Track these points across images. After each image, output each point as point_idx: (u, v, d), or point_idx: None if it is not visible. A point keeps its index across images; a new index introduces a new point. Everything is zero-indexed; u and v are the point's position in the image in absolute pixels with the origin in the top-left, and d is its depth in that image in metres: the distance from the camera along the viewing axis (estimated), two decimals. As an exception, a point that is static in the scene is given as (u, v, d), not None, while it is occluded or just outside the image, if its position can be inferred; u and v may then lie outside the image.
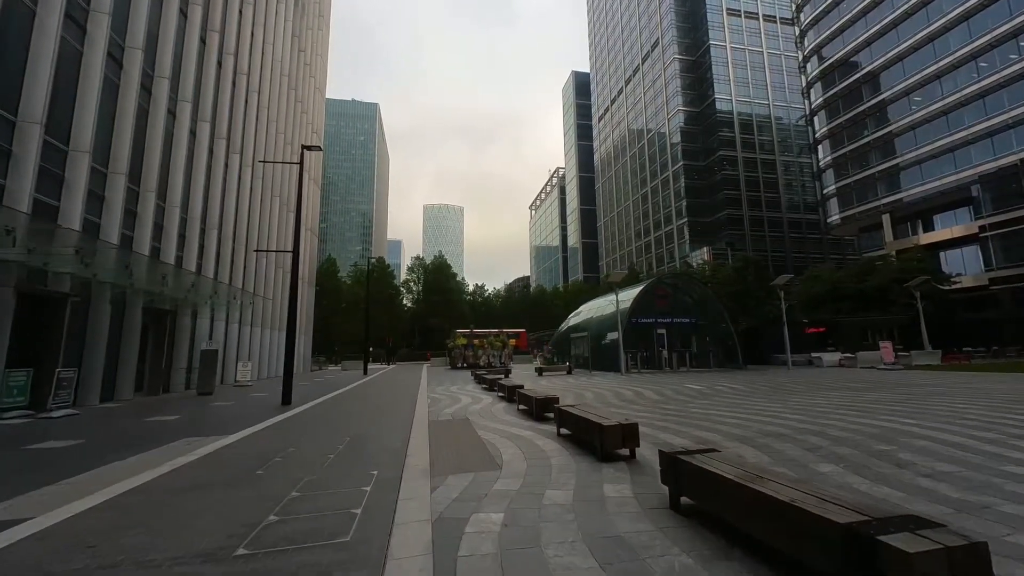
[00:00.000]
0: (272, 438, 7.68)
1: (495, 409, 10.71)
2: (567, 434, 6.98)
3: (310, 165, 35.90)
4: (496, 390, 14.79)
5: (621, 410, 9.95)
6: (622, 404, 10.99)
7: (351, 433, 7.88)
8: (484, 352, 33.11)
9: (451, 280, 74.53)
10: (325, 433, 8.02)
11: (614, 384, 16.57)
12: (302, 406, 12.34)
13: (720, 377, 18.77)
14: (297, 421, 9.56)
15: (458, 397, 13.69)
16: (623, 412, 9.41)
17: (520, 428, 8.00)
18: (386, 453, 6.27)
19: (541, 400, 8.44)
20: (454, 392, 15.47)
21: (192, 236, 18.57)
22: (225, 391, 18.09)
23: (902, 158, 49.53)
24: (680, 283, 25.65)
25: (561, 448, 6.29)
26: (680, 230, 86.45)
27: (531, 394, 9.17)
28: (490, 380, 15.30)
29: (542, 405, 8.43)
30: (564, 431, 6.98)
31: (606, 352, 23.19)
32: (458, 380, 21.41)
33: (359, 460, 5.88)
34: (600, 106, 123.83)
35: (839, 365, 23.83)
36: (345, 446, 6.79)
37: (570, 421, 6.49)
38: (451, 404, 11.95)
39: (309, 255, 37.05)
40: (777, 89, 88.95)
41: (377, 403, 12.74)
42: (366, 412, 10.75)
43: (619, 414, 7.85)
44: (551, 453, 6.00)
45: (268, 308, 27.75)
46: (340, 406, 12.12)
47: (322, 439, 7.42)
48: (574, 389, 15.10)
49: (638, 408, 10.18)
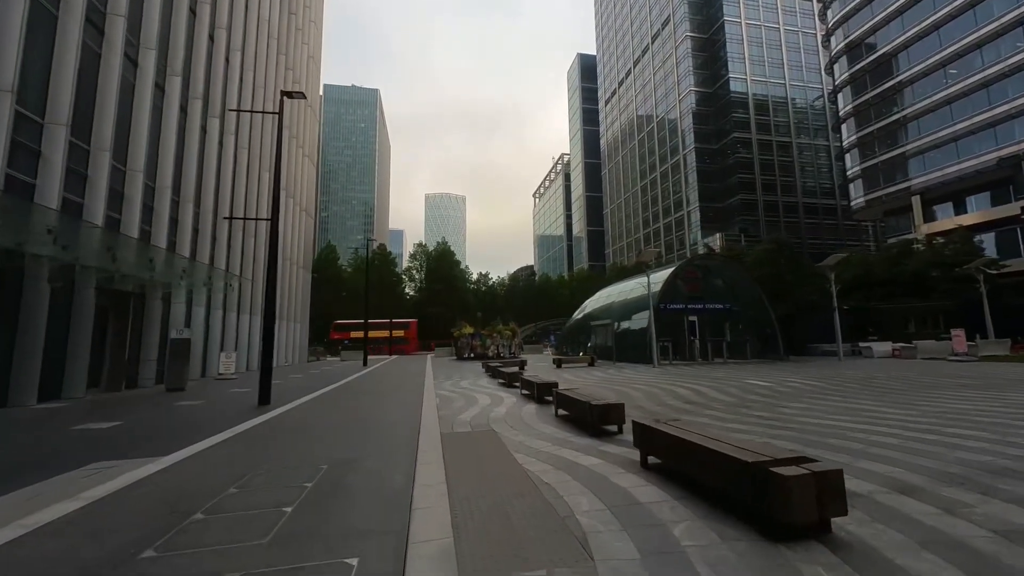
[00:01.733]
0: (218, 464, 5.28)
1: (524, 413, 8.31)
2: (657, 463, 4.55)
3: (302, 135, 33.24)
4: (519, 387, 12.39)
5: (698, 416, 7.53)
6: (691, 408, 8.56)
7: (332, 455, 5.48)
8: (493, 342, 30.74)
9: (455, 268, 72.02)
10: (296, 455, 5.61)
11: (653, 379, 14.13)
12: (282, 407, 9.97)
13: (771, 370, 16.31)
14: (266, 432, 7.17)
15: (472, 396, 11.29)
16: (711, 423, 6.98)
17: (574, 449, 5.57)
18: (378, 503, 3.86)
19: (601, 408, 5.98)
20: (466, 388, 13.08)
21: (162, 208, 16.09)
22: (201, 387, 15.76)
23: (936, 135, 46.43)
24: (712, 265, 23.10)
25: (663, 493, 3.86)
26: (691, 216, 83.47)
27: (580, 397, 6.74)
28: (508, 375, 12.89)
29: (602, 414, 5.98)
30: (654, 459, 4.53)
31: (633, 342, 20.76)
32: (467, 373, 19.04)
33: (332, 519, 3.48)
34: (607, 89, 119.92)
35: (893, 356, 21.36)
36: (317, 483, 4.38)
37: (672, 447, 4.06)
38: (466, 406, 9.55)
39: (305, 238, 34.58)
40: (794, 68, 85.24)
41: (374, 404, 10.35)
42: (358, 418, 8.36)
43: (716, 427, 5.43)
44: (657, 507, 3.58)
45: (257, 293, 25.36)
46: (328, 408, 9.73)
47: (289, 467, 5.01)
48: (612, 385, 12.67)
49: (719, 414, 7.75)
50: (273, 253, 11.29)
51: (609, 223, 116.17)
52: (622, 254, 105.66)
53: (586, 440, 5.90)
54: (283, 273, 29.70)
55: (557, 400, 7.76)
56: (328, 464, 5.08)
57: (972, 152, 43.31)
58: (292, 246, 31.59)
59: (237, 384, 16.50)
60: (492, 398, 10.59)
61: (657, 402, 9.12)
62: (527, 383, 10.37)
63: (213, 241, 20.02)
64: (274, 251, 11.31)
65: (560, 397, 7.56)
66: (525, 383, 10.62)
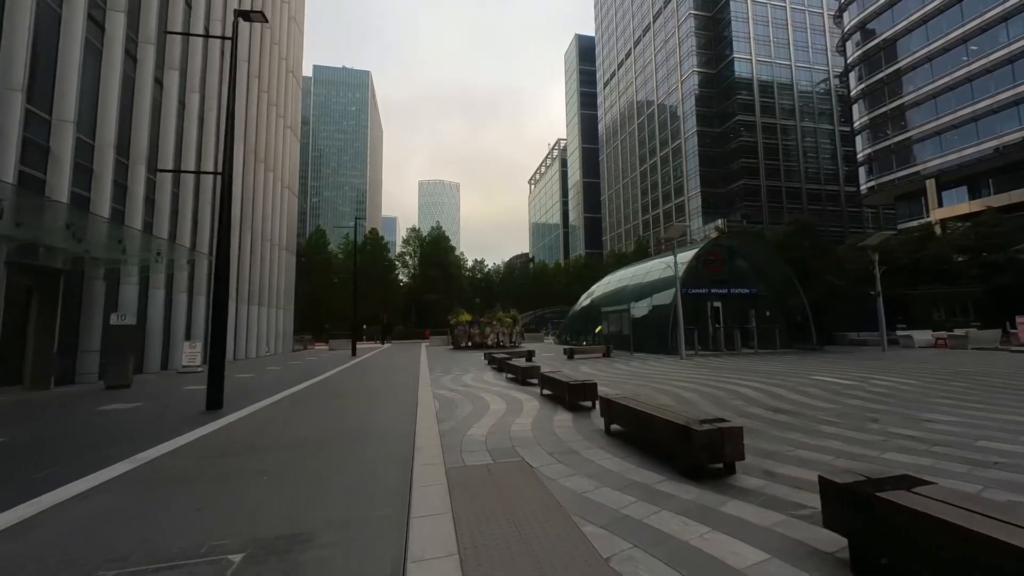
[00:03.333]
0: (52, 544, 2.95)
1: (559, 428, 6.04)
2: None
3: (283, 103, 30.30)
4: (536, 384, 10.13)
5: (826, 439, 5.30)
6: (790, 419, 6.32)
7: (265, 523, 3.17)
8: (493, 330, 28.48)
9: (449, 253, 69.41)
10: (202, 525, 3.27)
11: (692, 373, 11.92)
12: (234, 414, 7.63)
13: (820, 362, 14.15)
14: (185, 464, 4.82)
15: (479, 396, 9.00)
16: (873, 455, 4.75)
17: (681, 513, 3.30)
18: None
19: (706, 435, 3.69)
20: (470, 386, 10.80)
21: (103, 170, 13.45)
22: (154, 383, 13.34)
23: (955, 114, 44.26)
24: (737, 245, 20.86)
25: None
26: (691, 202, 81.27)
27: (655, 413, 4.48)
28: (521, 370, 10.57)
29: (711, 444, 3.68)
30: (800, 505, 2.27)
31: (652, 330, 18.57)
32: (468, 365, 16.75)
33: None
34: (606, 71, 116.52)
35: (936, 345, 19.39)
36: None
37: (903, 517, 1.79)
38: (475, 413, 7.26)
39: (288, 217, 31.84)
40: (799, 48, 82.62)
41: (354, 410, 8.03)
42: (328, 435, 6.04)
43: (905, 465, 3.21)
44: None
45: (233, 275, 22.77)
46: (292, 417, 7.39)
47: (172, 562, 2.70)
48: (649, 383, 10.41)
49: (851, 433, 5.49)
50: (225, 215, 8.82)
51: (607, 209, 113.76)
52: (620, 241, 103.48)
53: (687, 487, 3.65)
54: (264, 255, 27.08)
55: (609, 410, 5.49)
56: (249, 549, 2.77)
57: (994, 132, 41.29)
58: (274, 226, 28.91)
59: (200, 379, 14.07)
60: (506, 400, 8.31)
61: (734, 410, 6.86)
62: (551, 382, 8.09)
63: (175, 214, 17.39)
64: (225, 212, 8.84)
65: (618, 409, 5.28)
66: (548, 381, 8.33)
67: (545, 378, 8.48)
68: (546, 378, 8.41)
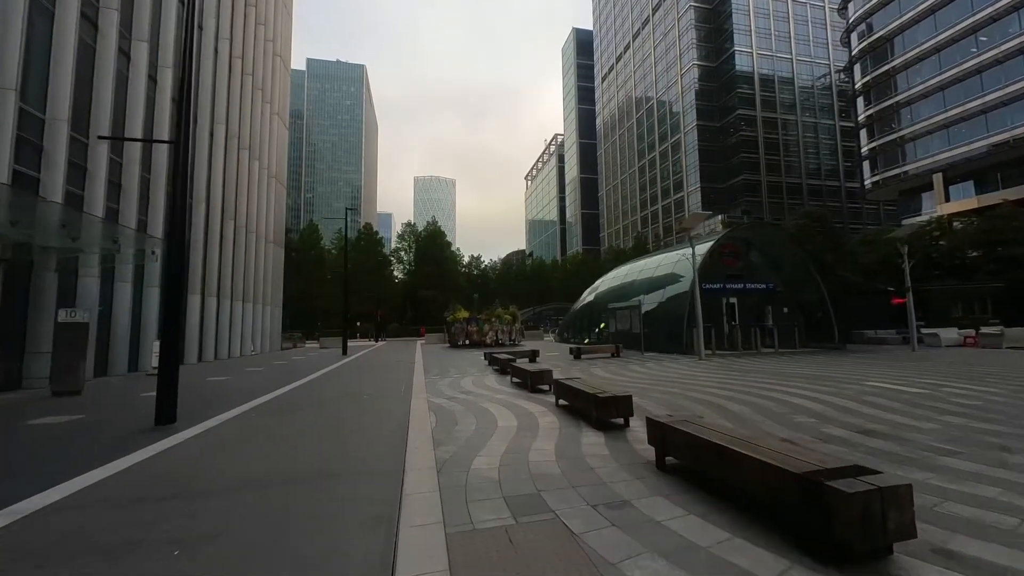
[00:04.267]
0: None
1: (588, 453, 4.69)
2: None
3: (269, 87, 28.62)
4: (548, 391, 8.78)
5: (942, 477, 3.96)
6: (865, 439, 4.99)
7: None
8: (491, 327, 27.10)
9: (445, 249, 67.83)
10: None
11: (723, 378, 10.58)
12: (188, 430, 6.23)
13: (858, 364, 12.85)
14: (83, 522, 3.42)
15: (483, 408, 7.62)
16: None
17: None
18: None
19: (848, 500, 2.33)
20: (471, 392, 9.42)
21: (56, 148, 11.91)
22: (113, 387, 11.88)
23: (964, 106, 43.18)
24: (755, 237, 19.55)
25: None
26: (690, 198, 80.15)
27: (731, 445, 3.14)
28: (530, 374, 9.16)
29: (863, 514, 2.33)
30: None
31: (665, 328, 17.25)
32: (466, 366, 15.37)
33: None
34: (604, 65, 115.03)
35: (965, 344, 18.23)
36: None
37: None
38: (480, 433, 5.88)
39: (276, 209, 30.24)
40: (801, 42, 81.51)
41: (332, 426, 6.62)
42: (291, 469, 4.65)
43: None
44: None
45: (211, 267, 21.23)
46: (253, 438, 5.98)
47: None
48: (682, 390, 9.06)
49: (973, 468, 4.18)
50: (179, 192, 7.36)
51: (604, 205, 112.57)
52: (618, 237, 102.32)
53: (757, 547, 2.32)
54: (249, 248, 25.52)
55: (663, 437, 4.13)
56: None
57: (1004, 125, 40.25)
58: (260, 217, 27.32)
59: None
60: (515, 413, 6.94)
61: (807, 430, 5.46)
62: (570, 392, 6.70)
63: (144, 201, 15.82)
64: (180, 188, 7.38)
65: (677, 438, 3.92)
66: (565, 391, 6.95)
67: (562, 387, 7.10)
68: (564, 387, 7.02)
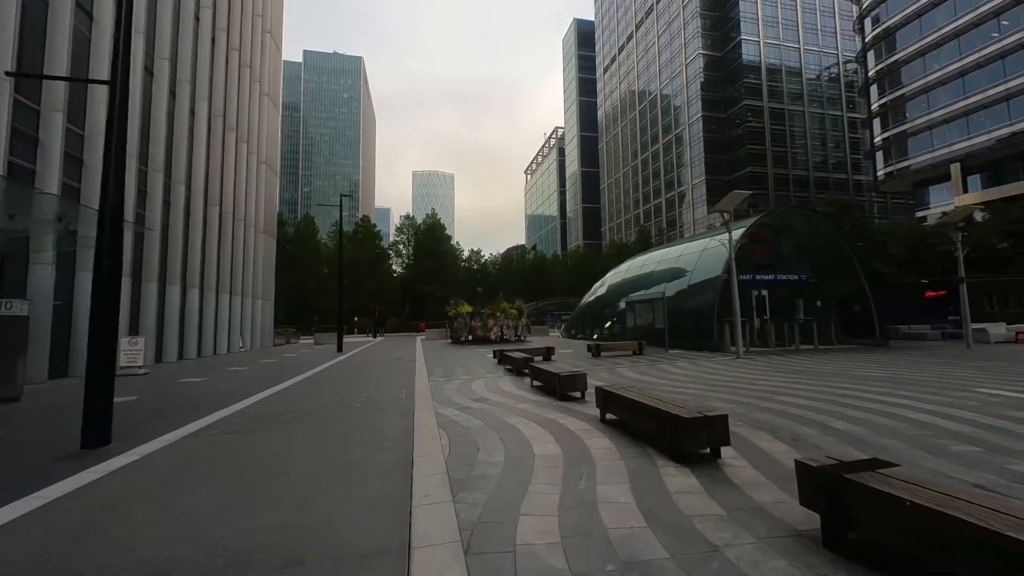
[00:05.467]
0: None
1: (690, 510, 3.10)
2: None
3: (258, 67, 26.73)
4: (579, 398, 7.17)
5: None
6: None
7: None
8: (496, 322, 25.47)
9: (445, 243, 66.04)
10: None
11: (780, 381, 8.96)
12: (114, 461, 4.61)
13: (929, 364, 11.16)
14: None
15: (505, 422, 6.02)
16: None
17: None
18: None
19: None
20: (486, 399, 7.82)
21: None
22: (64, 392, 10.25)
23: (985, 93, 41.52)
24: (786, 224, 17.89)
25: None
26: (695, 191, 78.53)
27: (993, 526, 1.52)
28: (561, 379, 7.47)
29: None
30: None
31: (693, 323, 15.63)
32: (474, 365, 13.76)
33: None
34: (606, 56, 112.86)
35: (1018, 340, 16.72)
36: None
37: None
38: (511, 467, 4.24)
39: (266, 197, 28.47)
40: (809, 31, 79.62)
41: (308, 455, 4.97)
42: (238, 535, 3.03)
43: None
44: None
45: (193, 255, 19.51)
46: (200, 473, 4.35)
47: None
48: (743, 397, 7.45)
49: None
50: (114, 146, 5.69)
51: (606, 199, 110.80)
52: (620, 231, 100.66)
53: None
54: (237, 237, 23.79)
55: (857, 503, 2.51)
56: None
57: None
58: (249, 205, 25.56)
59: (133, 386, 11.00)
60: (551, 431, 5.33)
61: (992, 470, 3.88)
62: (626, 405, 5.07)
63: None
64: (115, 143, 5.70)
65: (872, 499, 2.32)
66: (616, 402, 5.33)
67: (613, 398, 5.45)
68: (616, 398, 5.37)
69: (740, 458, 4.12)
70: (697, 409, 4.19)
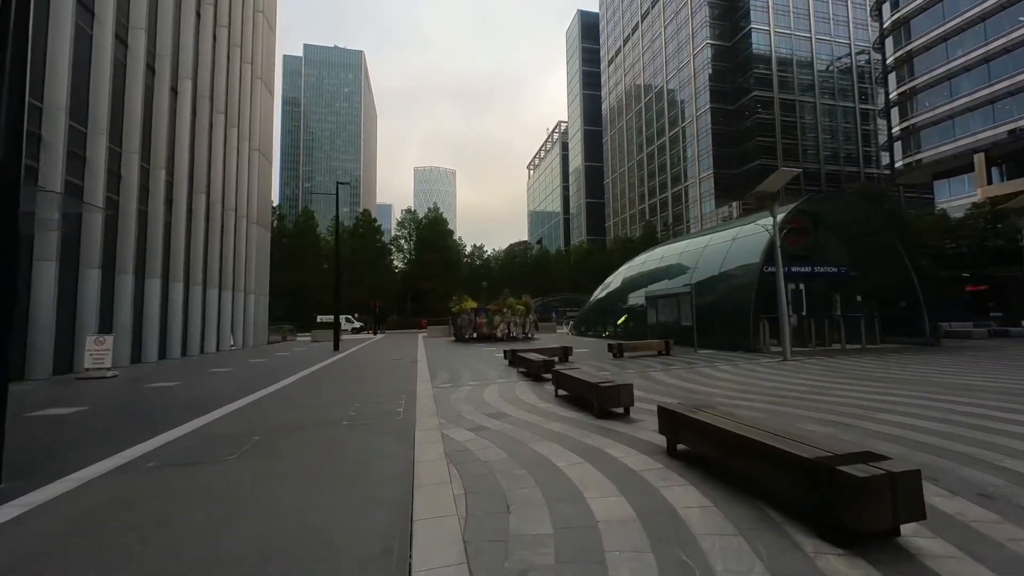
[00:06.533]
0: None
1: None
2: None
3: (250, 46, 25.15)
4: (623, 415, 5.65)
5: None
6: None
7: None
8: (503, 319, 23.97)
9: (447, 237, 64.47)
10: None
11: (863, 390, 7.29)
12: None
13: (1019, 368, 9.70)
14: None
15: (534, 448, 4.53)
16: None
17: None
18: None
19: None
20: (503, 412, 6.32)
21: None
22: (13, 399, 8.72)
23: (1012, 80, 39.64)
24: (823, 212, 16.28)
25: None
26: (702, 184, 76.73)
27: None
28: (602, 389, 5.89)
29: None
30: None
31: (725, 320, 14.05)
32: (482, 366, 12.26)
33: None
34: (610, 48, 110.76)
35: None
36: None
37: None
38: (560, 531, 2.79)
39: (260, 186, 26.95)
40: (820, 19, 77.47)
41: (264, 511, 3.47)
42: None
43: None
44: None
45: (178, 248, 18.03)
46: (100, 546, 2.85)
47: None
48: (845, 418, 5.92)
49: None
50: (14, 84, 4.15)
51: (610, 194, 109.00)
52: (625, 227, 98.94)
53: None
54: (227, 227, 22.30)
55: None
56: None
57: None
58: (240, 194, 24.05)
59: (91, 392, 9.52)
60: (602, 469, 3.83)
61: None
62: (731, 442, 3.54)
63: (75, 159, 12.60)
64: (15, 78, 4.17)
65: None
66: (707, 435, 3.81)
67: (684, 421, 3.94)
68: (689, 423, 3.87)
69: (929, 533, 2.59)
70: (848, 450, 2.65)
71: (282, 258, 50.47)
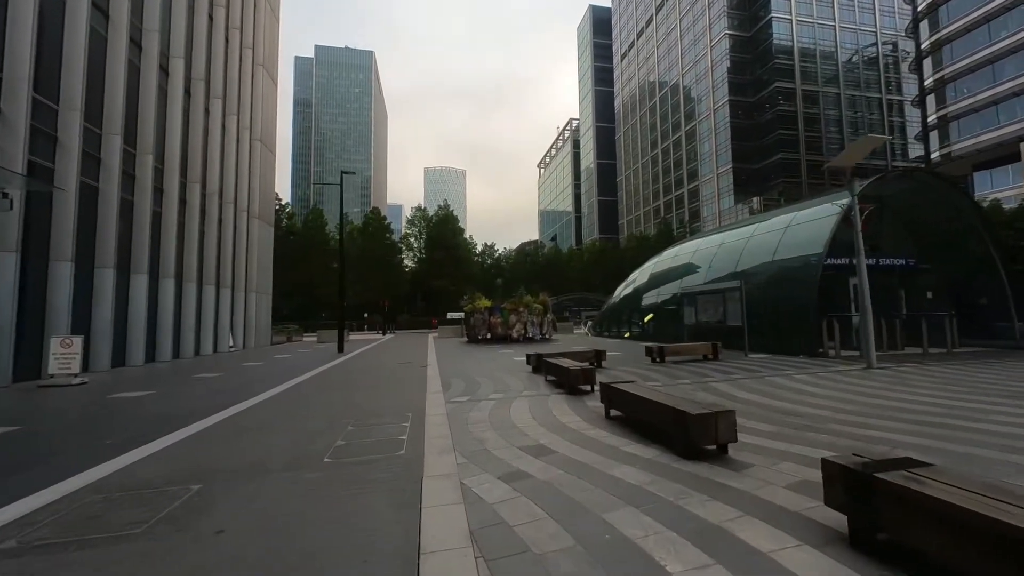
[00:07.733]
0: None
1: None
2: None
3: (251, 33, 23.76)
4: (729, 457, 3.86)
5: None
6: None
7: None
8: (519, 318, 22.24)
9: (458, 235, 62.94)
10: None
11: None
12: None
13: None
14: None
15: (605, 518, 2.93)
16: None
17: None
18: None
19: None
20: (542, 445, 4.62)
21: None
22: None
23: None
24: (885, 196, 14.23)
25: None
26: (720, 179, 74.17)
27: None
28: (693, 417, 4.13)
29: None
30: None
31: (774, 319, 12.12)
32: (502, 373, 10.55)
33: None
34: (623, 42, 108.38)
35: None
36: None
37: None
38: None
39: (262, 180, 25.57)
40: (844, 7, 74.40)
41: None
42: None
43: None
44: None
45: (169, 242, 16.61)
46: None
47: None
48: None
49: None
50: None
51: (623, 192, 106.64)
52: (639, 224, 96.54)
53: None
54: (226, 222, 20.92)
55: None
56: None
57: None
58: (241, 187, 22.68)
59: (36, 404, 8.02)
60: (729, 564, 2.14)
61: None
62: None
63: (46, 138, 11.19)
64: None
65: None
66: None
67: (904, 496, 2.20)
68: (907, 496, 2.12)
69: None
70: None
71: (291, 256, 49.42)
